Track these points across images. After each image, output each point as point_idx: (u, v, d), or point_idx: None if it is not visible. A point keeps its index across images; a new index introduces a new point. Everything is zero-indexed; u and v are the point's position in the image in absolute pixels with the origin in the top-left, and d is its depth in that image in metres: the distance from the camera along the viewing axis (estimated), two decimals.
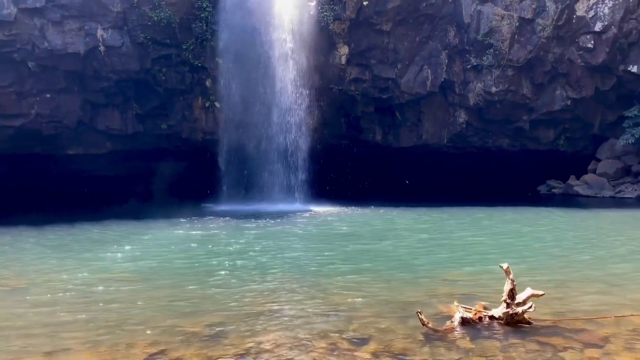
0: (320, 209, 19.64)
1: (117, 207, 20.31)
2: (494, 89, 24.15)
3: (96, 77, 22.09)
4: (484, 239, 12.45)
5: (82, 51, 20.99)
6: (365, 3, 22.36)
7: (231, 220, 16.22)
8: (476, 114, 25.38)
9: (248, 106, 22.47)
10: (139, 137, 24.55)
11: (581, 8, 22.92)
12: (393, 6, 22.68)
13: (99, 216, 16.63)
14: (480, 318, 5.99)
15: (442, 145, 26.39)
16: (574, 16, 23.03)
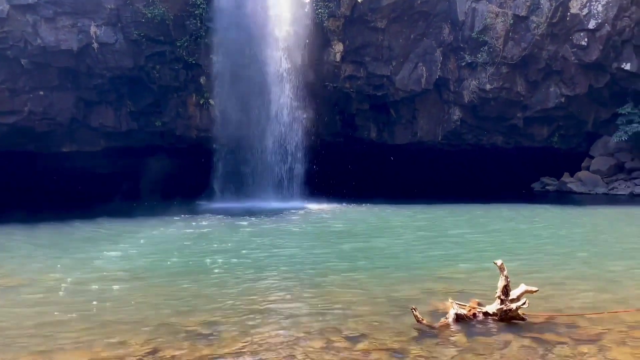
0: (315, 207, 19.64)
1: (111, 205, 20.21)
2: (488, 87, 24.20)
3: (89, 74, 21.96)
4: (478, 236, 12.48)
5: (75, 48, 20.86)
6: (359, 0, 22.33)
7: (225, 218, 16.19)
8: (470, 112, 25.43)
9: (242, 103, 22.41)
10: (133, 135, 24.45)
11: (575, 5, 22.99)
12: (388, 3, 22.66)
13: (93, 214, 16.54)
14: (474, 314, 6.02)
15: (437, 142, 26.44)
16: (568, 14, 23.10)
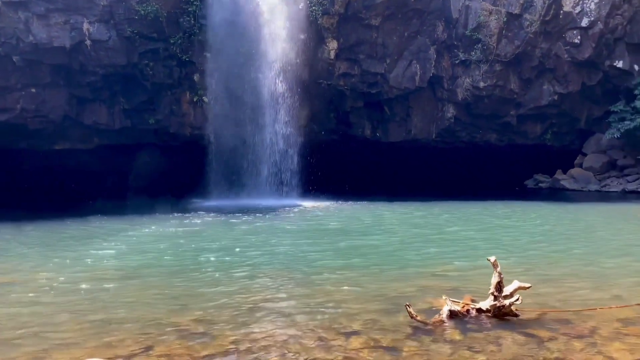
0: (309, 204, 19.64)
1: (103, 202, 20.15)
2: (482, 84, 24.28)
3: (82, 71, 21.85)
4: (473, 233, 12.52)
5: (68, 45, 20.75)
6: None
7: (220, 216, 16.17)
8: (464, 109, 25.51)
9: (236, 101, 22.37)
10: (126, 132, 24.36)
11: (568, 3, 23.10)
12: (382, 1, 22.69)
13: (85, 212, 16.48)
14: (467, 311, 6.04)
15: (431, 140, 26.51)
16: (561, 11, 23.21)
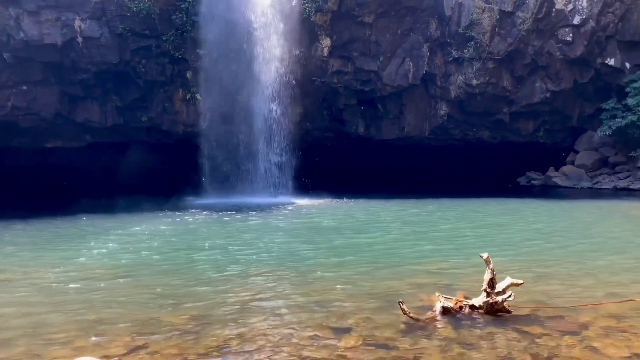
0: (303, 202, 19.63)
1: (95, 200, 20.03)
2: (474, 82, 24.34)
3: (74, 68, 21.72)
4: (467, 230, 12.57)
5: (60, 42, 20.61)
6: None
7: (213, 214, 16.12)
8: (457, 107, 25.57)
9: (230, 98, 22.29)
10: (118, 130, 24.24)
11: (560, 1, 23.18)
12: None
13: (77, 210, 16.39)
14: (460, 307, 6.07)
15: (424, 137, 26.56)
16: (553, 9, 23.29)
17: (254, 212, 16.37)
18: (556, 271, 8.19)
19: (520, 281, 6.09)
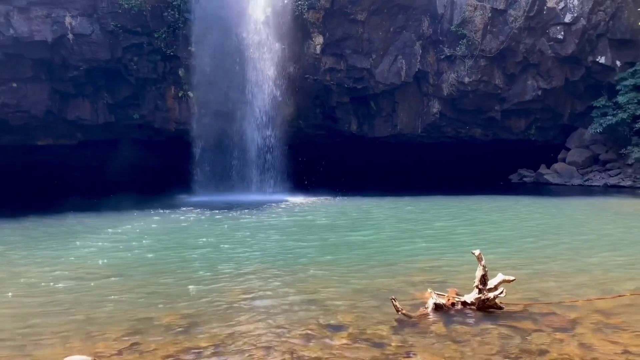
0: (296, 199, 19.61)
1: (87, 198, 19.90)
2: (467, 79, 24.40)
3: (65, 66, 21.54)
4: (459, 228, 12.60)
5: (50, 39, 20.42)
6: None
7: (205, 212, 16.06)
8: (450, 104, 25.63)
9: (222, 96, 22.20)
10: (110, 128, 24.09)
11: None
12: None
13: (69, 208, 16.27)
14: (453, 304, 6.08)
15: (417, 135, 26.60)
16: (545, 7, 23.39)
17: (246, 210, 16.33)
18: (548, 268, 8.23)
19: (512, 278, 6.12)
